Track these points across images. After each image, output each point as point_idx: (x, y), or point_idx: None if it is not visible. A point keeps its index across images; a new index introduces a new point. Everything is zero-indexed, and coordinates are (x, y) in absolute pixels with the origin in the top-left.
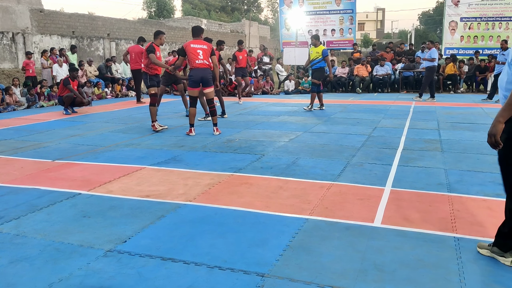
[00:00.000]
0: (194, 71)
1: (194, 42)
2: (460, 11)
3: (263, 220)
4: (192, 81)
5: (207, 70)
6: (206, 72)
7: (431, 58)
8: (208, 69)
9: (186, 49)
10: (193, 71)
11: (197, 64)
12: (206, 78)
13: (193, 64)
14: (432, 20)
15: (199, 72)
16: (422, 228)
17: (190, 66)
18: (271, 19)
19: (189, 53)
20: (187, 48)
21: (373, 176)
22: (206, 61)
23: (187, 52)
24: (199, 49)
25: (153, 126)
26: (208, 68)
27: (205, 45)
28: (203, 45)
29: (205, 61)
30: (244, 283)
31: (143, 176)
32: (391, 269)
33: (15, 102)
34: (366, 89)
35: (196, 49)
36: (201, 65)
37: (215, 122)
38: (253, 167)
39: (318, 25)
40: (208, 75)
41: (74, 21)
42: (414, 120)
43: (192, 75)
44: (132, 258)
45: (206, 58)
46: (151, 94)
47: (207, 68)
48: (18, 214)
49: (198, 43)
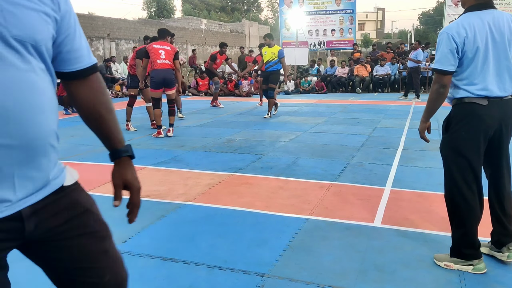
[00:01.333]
0: (156, 72)
1: (157, 43)
2: (460, 11)
3: (263, 220)
4: (154, 83)
5: (169, 70)
6: (168, 72)
7: (416, 60)
8: (170, 69)
9: (149, 50)
10: (155, 72)
11: (159, 64)
12: (168, 78)
13: (155, 65)
14: (432, 20)
15: (161, 72)
16: (422, 228)
17: (152, 67)
18: (271, 19)
19: (151, 53)
20: (150, 49)
21: (373, 176)
22: (169, 61)
23: (150, 53)
24: (162, 50)
25: (126, 126)
26: (170, 69)
27: (169, 46)
28: (167, 47)
29: (167, 61)
30: (244, 283)
31: (143, 176)
32: (391, 269)
33: None
34: (366, 89)
35: (158, 49)
36: (163, 65)
37: (171, 123)
38: (253, 167)
39: (318, 25)
40: (171, 75)
41: None
42: (414, 120)
43: (153, 76)
44: (132, 258)
45: (169, 58)
46: (131, 95)
47: (169, 69)
48: None
49: (162, 44)
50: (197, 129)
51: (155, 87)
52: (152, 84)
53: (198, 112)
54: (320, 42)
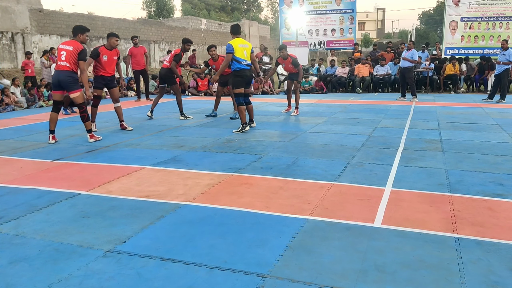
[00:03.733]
0: (54, 73)
1: (64, 43)
2: (460, 11)
3: (263, 220)
4: (52, 84)
5: (67, 72)
6: (64, 74)
7: (412, 59)
8: (67, 71)
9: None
10: (54, 73)
11: (57, 65)
12: (64, 81)
13: (55, 66)
14: (433, 20)
15: (57, 74)
16: (422, 228)
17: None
18: (271, 19)
19: (57, 53)
20: (57, 49)
21: (373, 176)
22: (67, 63)
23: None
24: (64, 50)
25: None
26: (68, 71)
27: (72, 46)
28: (70, 47)
29: (66, 63)
30: (244, 284)
31: (143, 176)
32: (391, 270)
33: (15, 103)
34: (366, 89)
35: (61, 50)
36: (61, 67)
37: (87, 128)
38: (253, 167)
39: (318, 24)
40: (67, 78)
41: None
42: (415, 120)
43: (52, 77)
44: (132, 258)
45: (68, 60)
46: (95, 95)
47: (67, 71)
48: (18, 214)
49: (67, 43)
50: (197, 129)
51: (53, 89)
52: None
53: (198, 112)
54: (320, 42)
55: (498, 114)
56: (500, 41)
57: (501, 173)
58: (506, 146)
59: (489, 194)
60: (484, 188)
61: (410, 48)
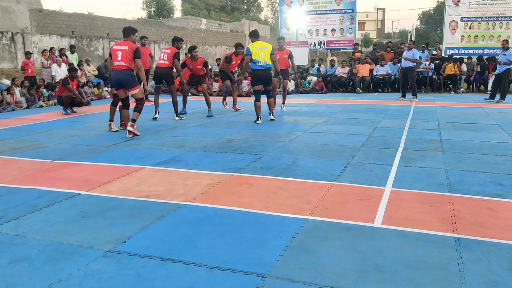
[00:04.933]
0: (113, 73)
1: (118, 43)
2: (460, 11)
3: (263, 220)
4: (112, 84)
5: (125, 71)
6: (122, 73)
7: (414, 59)
8: (125, 70)
9: (111, 51)
10: (112, 74)
11: (115, 66)
12: (124, 80)
13: (112, 66)
14: (433, 20)
15: (115, 74)
16: (422, 228)
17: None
18: (271, 19)
19: (112, 55)
20: (111, 50)
21: (373, 176)
22: (124, 62)
23: (111, 54)
24: (119, 51)
25: (109, 126)
26: (125, 69)
27: (127, 46)
28: (125, 46)
29: (122, 63)
30: (244, 284)
31: (143, 176)
32: (391, 270)
33: (15, 102)
34: (366, 89)
35: (116, 51)
36: (119, 67)
37: (134, 118)
38: (253, 167)
39: (318, 24)
40: (126, 76)
41: (74, 21)
42: (415, 120)
43: (111, 77)
44: (132, 258)
45: (125, 59)
46: (114, 94)
47: (125, 69)
48: (18, 214)
49: (121, 44)
50: (196, 129)
51: (114, 87)
52: (111, 84)
53: (198, 112)
54: (320, 42)
55: (498, 114)
56: (500, 41)
57: (501, 173)
58: (506, 146)
59: (489, 194)
60: (484, 188)
61: (411, 48)
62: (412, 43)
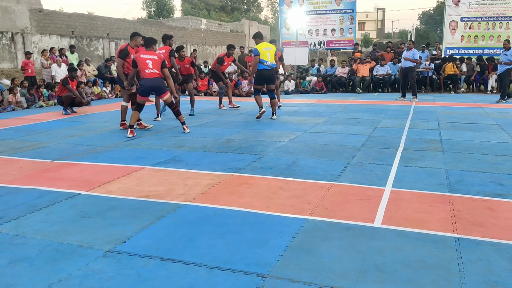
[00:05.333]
0: (145, 80)
1: (144, 53)
2: (460, 11)
3: (263, 220)
4: (142, 90)
5: (158, 79)
6: (156, 81)
7: (414, 59)
8: (158, 78)
9: (137, 60)
10: (143, 81)
11: (147, 73)
12: (157, 87)
13: (143, 74)
14: (433, 20)
15: (149, 81)
16: (422, 228)
17: (140, 76)
18: (271, 19)
19: (139, 63)
20: (137, 59)
21: (373, 176)
22: (157, 70)
23: (138, 63)
24: (149, 59)
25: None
26: (158, 77)
27: (156, 56)
28: (154, 56)
29: (155, 70)
30: (244, 284)
31: (143, 176)
32: (391, 270)
33: (16, 102)
34: (366, 89)
35: (145, 59)
36: (152, 74)
37: (181, 121)
38: (253, 167)
39: (318, 24)
40: (160, 83)
41: (74, 21)
42: (415, 120)
43: (142, 84)
44: (132, 258)
45: (156, 68)
46: (132, 93)
47: (158, 77)
48: (18, 214)
49: (148, 53)
50: (196, 129)
51: (142, 95)
52: (140, 91)
53: (198, 112)
54: (320, 42)
55: (498, 114)
56: (500, 41)
57: (501, 173)
58: (506, 146)
59: (489, 194)
60: (484, 188)
61: (410, 48)
62: (411, 43)
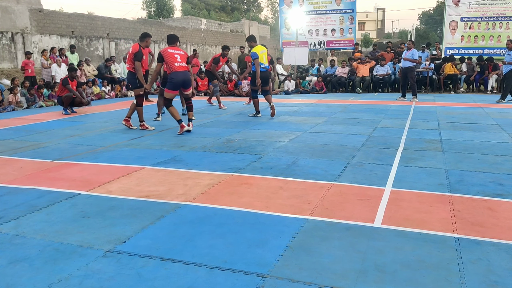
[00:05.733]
0: (176, 73)
1: (171, 48)
2: (460, 11)
3: (263, 220)
4: (173, 84)
5: (187, 72)
6: (187, 74)
7: (413, 59)
8: (187, 71)
9: (164, 55)
10: (174, 74)
11: (177, 66)
12: (188, 80)
13: (173, 67)
14: (433, 20)
15: (182, 74)
16: (422, 228)
17: (170, 69)
18: (271, 19)
19: (168, 57)
20: (165, 53)
21: (373, 176)
22: (185, 63)
23: (165, 57)
24: (177, 54)
25: (142, 126)
26: (187, 71)
27: (182, 51)
28: (180, 51)
29: (184, 64)
30: (244, 284)
31: (143, 176)
32: (391, 270)
33: (16, 102)
34: (366, 89)
35: (173, 54)
36: (182, 68)
37: (190, 118)
38: (253, 167)
39: (318, 24)
40: (189, 77)
41: (74, 21)
42: (415, 120)
43: (173, 77)
44: (132, 258)
45: (184, 61)
46: (139, 95)
47: (187, 71)
48: (18, 214)
49: (174, 49)
50: (196, 129)
51: (173, 88)
52: (170, 85)
53: (198, 112)
54: (320, 42)
55: (498, 114)
56: (500, 41)
57: (501, 173)
58: (506, 146)
59: (489, 194)
60: (484, 188)
61: (410, 48)
62: (411, 43)
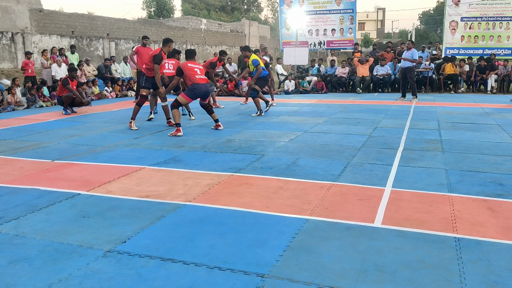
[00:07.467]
0: (198, 85)
1: (190, 62)
2: (460, 11)
3: (263, 220)
4: (195, 93)
5: (208, 84)
6: (208, 86)
7: (413, 59)
8: (208, 83)
9: (184, 68)
10: (196, 85)
11: (199, 79)
12: (208, 91)
13: (194, 80)
14: (433, 20)
15: (204, 86)
16: (422, 228)
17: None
18: (271, 19)
19: (188, 71)
20: (185, 67)
21: (373, 176)
22: (204, 76)
23: (185, 71)
24: (197, 68)
25: (130, 123)
26: (208, 83)
27: (201, 66)
28: (199, 66)
29: (203, 77)
30: (244, 284)
31: (143, 176)
32: (391, 270)
33: (16, 102)
34: (366, 89)
35: (193, 68)
36: (203, 80)
37: (215, 118)
38: (253, 167)
39: (318, 24)
40: (209, 88)
41: (74, 21)
42: (415, 120)
43: (196, 88)
44: (132, 258)
45: (203, 74)
46: (142, 95)
47: (208, 83)
48: (18, 214)
49: (193, 63)
50: (197, 129)
51: (192, 97)
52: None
53: (198, 112)
54: (320, 42)
55: (498, 114)
56: (500, 41)
57: (501, 173)
58: (506, 146)
59: (489, 194)
60: (484, 188)
61: (410, 48)
62: (411, 43)
